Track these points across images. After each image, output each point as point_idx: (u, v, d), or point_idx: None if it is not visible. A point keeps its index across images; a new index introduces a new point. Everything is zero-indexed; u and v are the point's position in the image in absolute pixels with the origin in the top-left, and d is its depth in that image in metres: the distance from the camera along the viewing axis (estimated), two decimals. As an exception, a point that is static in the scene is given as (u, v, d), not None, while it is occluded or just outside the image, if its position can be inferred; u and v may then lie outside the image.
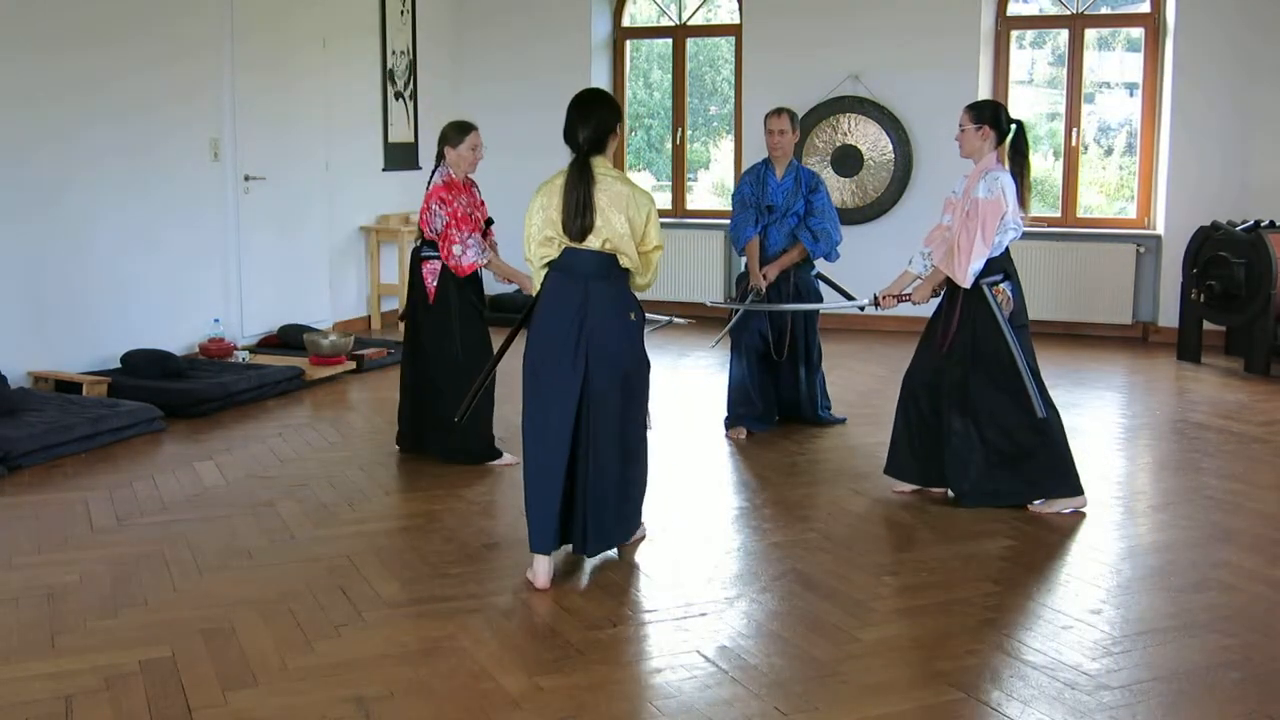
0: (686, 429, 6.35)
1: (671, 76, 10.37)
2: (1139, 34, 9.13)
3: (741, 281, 6.39)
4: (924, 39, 9.13)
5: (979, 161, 4.95)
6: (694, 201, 10.46)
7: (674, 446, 5.95)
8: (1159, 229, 8.89)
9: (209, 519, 4.87)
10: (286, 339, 8.15)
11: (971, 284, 4.89)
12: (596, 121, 4.10)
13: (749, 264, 6.21)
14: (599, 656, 3.60)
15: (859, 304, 5.76)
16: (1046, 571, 4.37)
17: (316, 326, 8.50)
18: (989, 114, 4.96)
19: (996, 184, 4.84)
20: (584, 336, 4.11)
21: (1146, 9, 9.03)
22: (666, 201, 10.36)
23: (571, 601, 4.01)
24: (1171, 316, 8.63)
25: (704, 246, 9.82)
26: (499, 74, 10.34)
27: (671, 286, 9.69)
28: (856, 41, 9.29)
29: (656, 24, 10.46)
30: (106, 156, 7.19)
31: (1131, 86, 9.36)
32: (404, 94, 9.81)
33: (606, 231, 4.08)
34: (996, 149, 4.95)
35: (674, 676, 3.46)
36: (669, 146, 10.44)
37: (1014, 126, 4.98)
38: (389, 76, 9.62)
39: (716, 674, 3.48)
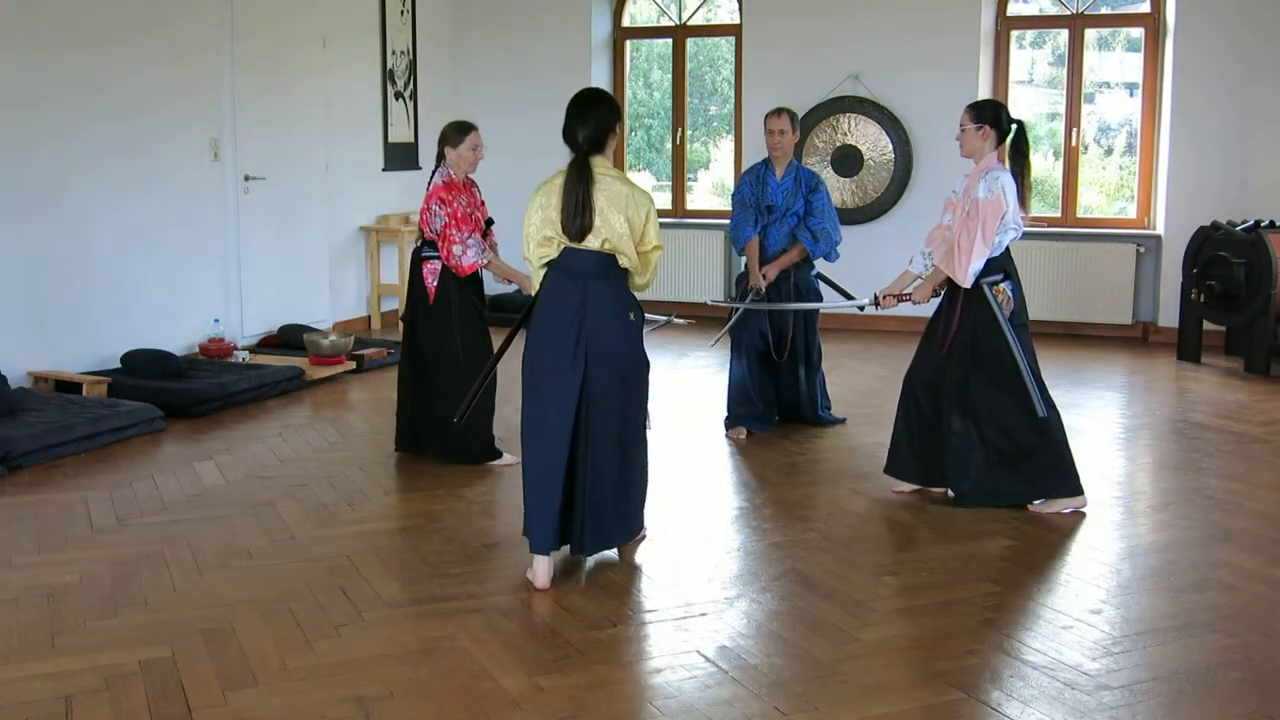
0: (686, 429, 6.35)
1: (671, 76, 10.37)
2: (1139, 34, 9.13)
3: (741, 281, 6.39)
4: (924, 39, 9.13)
5: (979, 161, 4.95)
6: (694, 201, 10.46)
7: (674, 446, 5.95)
8: (1159, 229, 8.89)
9: (209, 519, 4.87)
10: (286, 339, 8.15)
11: (972, 284, 4.89)
12: (596, 121, 4.09)
13: (749, 264, 6.22)
14: (599, 656, 3.60)
15: (859, 304, 5.77)
16: (1046, 571, 4.37)
17: (316, 326, 8.50)
18: (989, 114, 4.96)
19: (997, 184, 4.84)
20: (583, 336, 4.11)
21: (1146, 9, 9.03)
22: (666, 201, 10.36)
23: (571, 601, 4.01)
24: (1171, 316, 8.63)
25: (704, 246, 9.82)
26: (499, 74, 10.34)
27: (671, 286, 9.70)
28: (856, 41, 9.30)
29: (656, 24, 10.46)
30: (106, 156, 7.19)
31: (1131, 86, 9.36)
32: (404, 94, 9.81)
33: (606, 231, 4.08)
34: (997, 149, 4.95)
35: (674, 676, 3.46)
36: (669, 146, 10.44)
37: (1014, 126, 4.98)
38: (389, 76, 9.62)
39: (716, 674, 3.48)
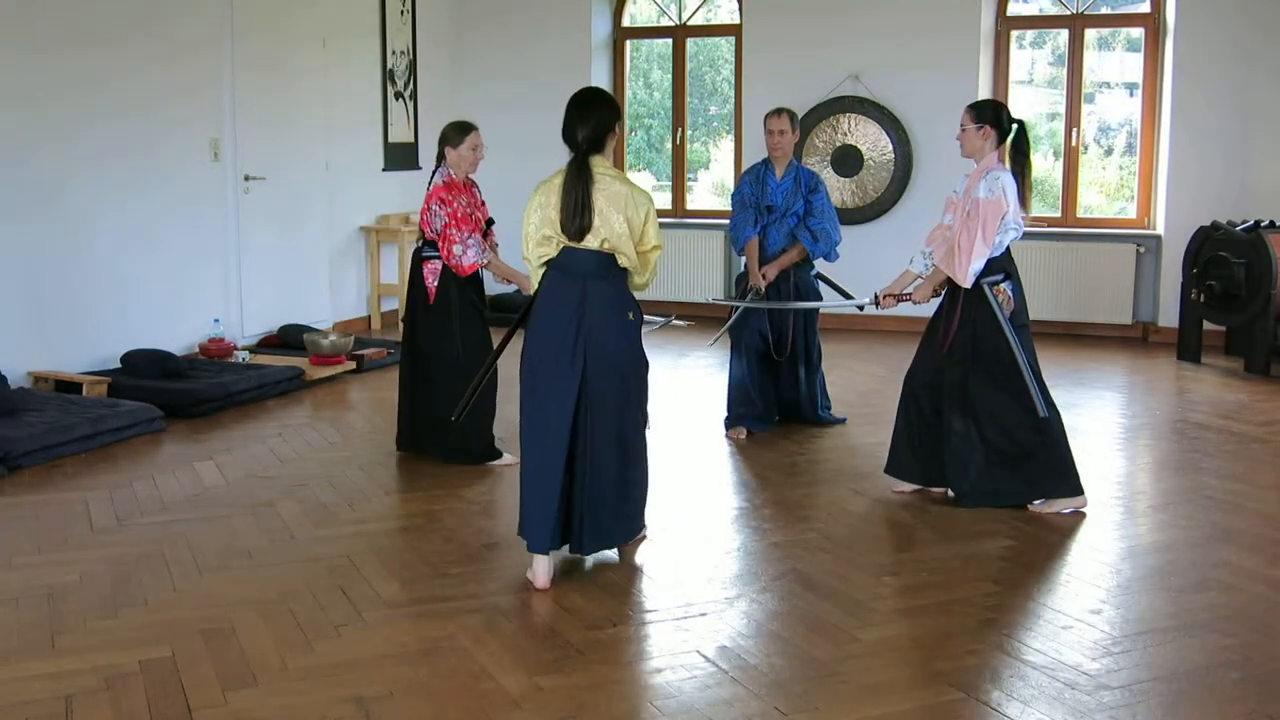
0: (686, 429, 6.35)
1: (671, 76, 10.37)
2: (1139, 34, 9.13)
3: (741, 281, 6.39)
4: (924, 39, 9.13)
5: (980, 161, 4.95)
6: (694, 201, 10.46)
7: (674, 446, 5.94)
8: (1159, 229, 8.89)
9: (209, 519, 4.87)
10: (286, 339, 8.15)
11: (972, 284, 4.89)
12: (595, 121, 4.09)
13: (748, 264, 6.22)
14: (599, 656, 3.60)
15: (859, 303, 5.77)
16: (1046, 571, 4.37)
17: (316, 326, 8.50)
18: (990, 113, 4.96)
19: (997, 184, 4.84)
20: (582, 335, 4.10)
21: (1146, 9, 9.03)
22: (666, 201, 10.36)
23: (571, 601, 4.01)
24: (1171, 316, 8.63)
25: (704, 246, 9.82)
26: (499, 74, 10.34)
27: (671, 286, 9.70)
28: (856, 41, 9.29)
29: (656, 24, 10.46)
30: (106, 156, 7.19)
31: (1131, 86, 9.36)
32: (404, 94, 9.81)
33: (605, 231, 4.08)
34: (998, 149, 4.95)
35: (674, 676, 3.46)
36: (669, 146, 10.44)
37: (1015, 126, 4.98)
38: (389, 76, 9.62)
39: (716, 674, 3.48)
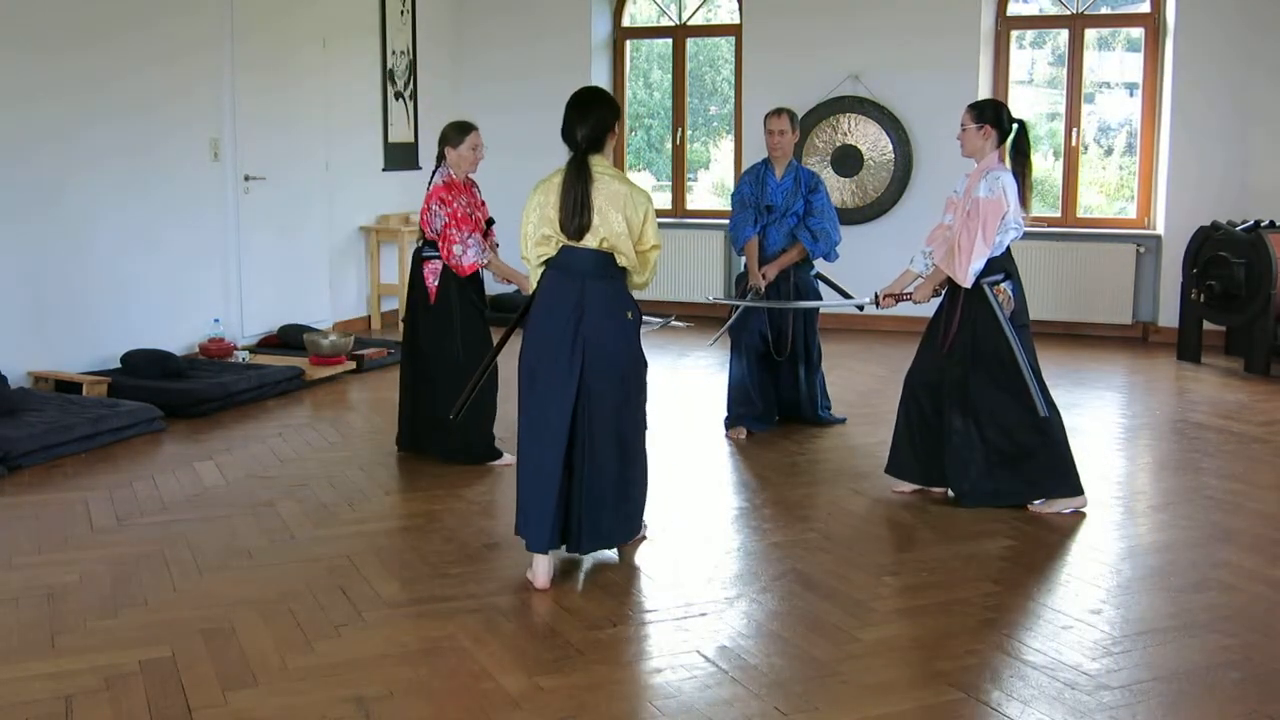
0: (686, 429, 6.35)
1: (671, 76, 10.37)
2: (1139, 34, 9.13)
3: (741, 281, 6.39)
4: (924, 39, 9.12)
5: (980, 161, 4.95)
6: (694, 201, 10.46)
7: (674, 446, 5.94)
8: (1159, 229, 8.89)
9: (209, 519, 4.87)
10: (286, 339, 8.15)
11: (972, 283, 4.89)
12: (594, 120, 4.09)
13: (748, 264, 6.22)
14: (599, 656, 3.59)
15: (859, 303, 5.77)
16: (1046, 571, 4.36)
17: (316, 326, 8.50)
18: (991, 113, 4.96)
19: (998, 183, 4.84)
20: (581, 335, 4.10)
21: (1146, 9, 9.03)
22: (666, 201, 10.36)
23: (571, 601, 4.01)
24: (1171, 316, 8.63)
25: (704, 246, 9.81)
26: (499, 74, 10.34)
27: (671, 286, 9.70)
28: (856, 41, 9.29)
29: (656, 24, 10.46)
30: (106, 156, 7.19)
31: (1131, 86, 9.36)
32: (404, 94, 9.81)
33: (604, 230, 4.07)
34: (998, 148, 4.95)
35: (674, 676, 3.46)
36: (669, 146, 10.43)
37: (1016, 126, 4.98)
38: (389, 76, 9.61)
39: (716, 674, 3.48)
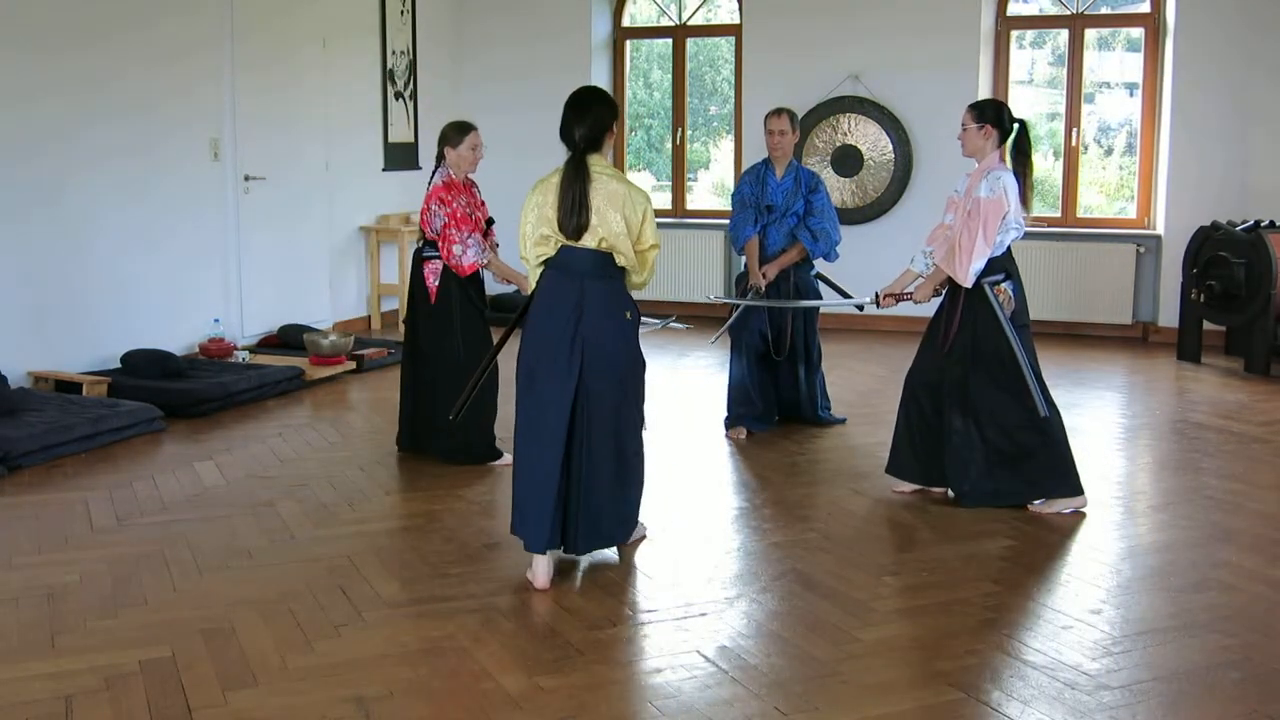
0: (686, 429, 6.35)
1: (671, 76, 10.37)
2: (1139, 34, 9.13)
3: (741, 281, 6.39)
4: (924, 39, 9.13)
5: (981, 161, 4.95)
6: (694, 201, 10.46)
7: (674, 446, 5.94)
8: (1159, 229, 8.89)
9: (209, 519, 4.87)
10: (286, 339, 8.15)
11: (973, 283, 4.89)
12: (593, 120, 4.09)
13: (748, 263, 6.22)
14: (599, 656, 3.59)
15: (859, 302, 5.77)
16: (1046, 571, 4.36)
17: (316, 326, 8.50)
18: (991, 113, 4.96)
19: (999, 183, 4.84)
20: (579, 335, 4.10)
21: (1146, 9, 9.03)
22: (666, 201, 10.35)
23: (571, 601, 4.01)
24: (1171, 316, 8.63)
25: (704, 246, 9.81)
26: (499, 74, 10.34)
27: (671, 286, 9.70)
28: (856, 41, 9.29)
29: (656, 24, 10.46)
30: (106, 156, 7.18)
31: (1131, 86, 9.36)
32: (404, 94, 9.81)
33: (603, 230, 4.07)
34: (999, 148, 4.95)
35: (674, 676, 3.46)
36: (669, 146, 10.43)
37: (1016, 126, 4.98)
38: (389, 76, 9.62)
39: (716, 674, 3.48)
